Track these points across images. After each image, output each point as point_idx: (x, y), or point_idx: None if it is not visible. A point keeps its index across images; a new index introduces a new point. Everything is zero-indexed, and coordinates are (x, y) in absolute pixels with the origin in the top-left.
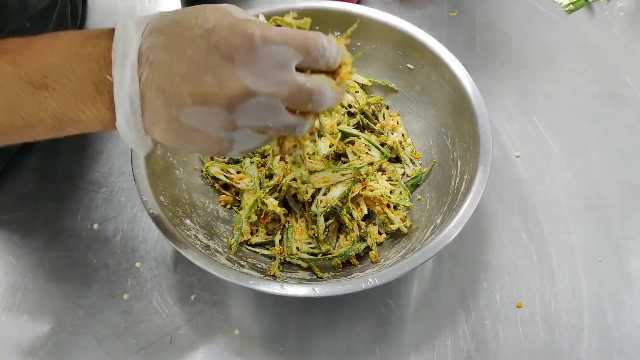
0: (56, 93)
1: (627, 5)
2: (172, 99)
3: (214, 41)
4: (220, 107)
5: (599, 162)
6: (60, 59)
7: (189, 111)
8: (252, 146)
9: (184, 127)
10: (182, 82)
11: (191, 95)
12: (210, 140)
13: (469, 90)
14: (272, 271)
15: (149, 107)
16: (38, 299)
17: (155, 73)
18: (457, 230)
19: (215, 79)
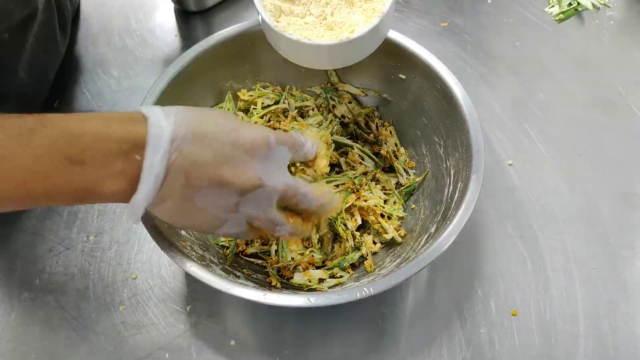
0: (87, 168)
1: (617, 14)
2: (193, 181)
3: (241, 137)
4: (234, 193)
5: (591, 169)
6: (92, 138)
7: (204, 192)
8: (234, 232)
9: (192, 205)
10: (206, 168)
11: (210, 179)
12: (209, 218)
13: (461, 99)
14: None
15: (167, 186)
16: (34, 311)
17: (183, 159)
18: (451, 239)
19: (236, 169)
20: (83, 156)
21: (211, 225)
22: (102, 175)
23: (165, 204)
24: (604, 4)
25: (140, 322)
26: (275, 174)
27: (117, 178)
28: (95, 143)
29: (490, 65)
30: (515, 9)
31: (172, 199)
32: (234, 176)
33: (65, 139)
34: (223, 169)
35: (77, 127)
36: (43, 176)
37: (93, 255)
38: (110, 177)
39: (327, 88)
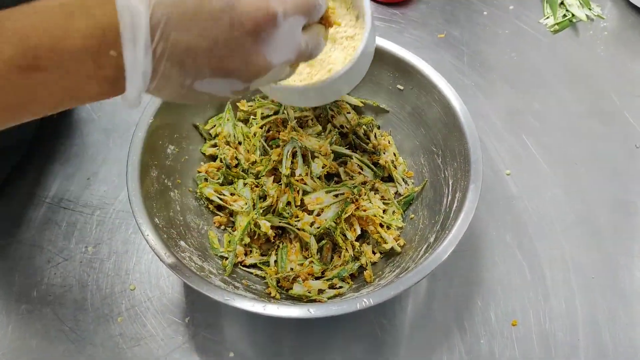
0: (50, 74)
1: (610, 25)
2: (190, 71)
3: (238, 16)
4: (242, 80)
5: (588, 178)
6: (48, 39)
7: (206, 81)
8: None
9: (194, 92)
10: (204, 57)
11: (213, 69)
12: (216, 99)
13: (458, 110)
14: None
15: (161, 76)
16: (32, 323)
17: (173, 48)
18: (450, 249)
19: (240, 56)
20: (40, 62)
21: (219, 98)
22: (72, 81)
23: (163, 92)
24: (598, 16)
25: (139, 334)
26: (285, 48)
27: (93, 79)
28: (50, 45)
29: (486, 76)
30: (511, 20)
31: (171, 88)
32: (239, 66)
33: (13, 48)
34: (224, 59)
35: (22, 29)
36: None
37: (91, 266)
38: (84, 79)
39: None
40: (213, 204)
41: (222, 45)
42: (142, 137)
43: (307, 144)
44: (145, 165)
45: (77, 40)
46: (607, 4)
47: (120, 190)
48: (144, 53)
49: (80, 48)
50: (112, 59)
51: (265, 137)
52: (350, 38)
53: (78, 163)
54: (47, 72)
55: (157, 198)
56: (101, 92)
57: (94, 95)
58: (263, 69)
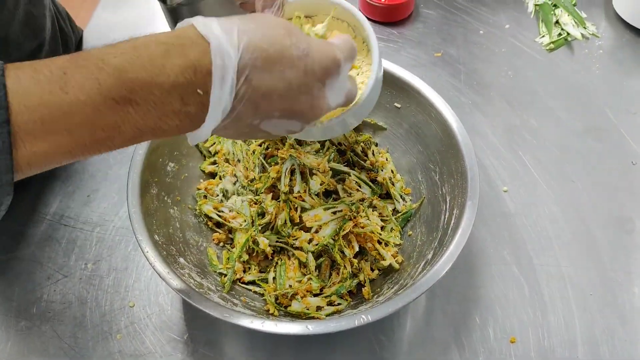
0: (139, 107)
1: (605, 44)
2: (263, 112)
3: (311, 64)
4: (303, 122)
5: (585, 195)
6: (144, 73)
7: (272, 122)
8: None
9: (257, 130)
10: (278, 100)
11: (282, 111)
12: (269, 137)
13: (455, 127)
14: (270, 309)
15: (235, 118)
16: (31, 340)
17: (254, 91)
18: (448, 265)
19: (308, 100)
20: (132, 96)
21: (272, 137)
22: (158, 115)
23: (228, 130)
24: (593, 34)
25: (138, 350)
26: (341, 91)
27: (177, 115)
28: (145, 80)
29: (483, 94)
30: (507, 39)
31: (237, 127)
32: (306, 109)
33: (111, 80)
34: (295, 101)
35: (121, 64)
36: (89, 121)
37: (91, 283)
38: (169, 113)
39: None
40: (212, 221)
41: (296, 89)
42: (142, 155)
43: (306, 162)
44: (146, 183)
45: (171, 77)
46: (602, 23)
47: (120, 207)
48: (230, 92)
49: (172, 84)
50: (197, 97)
51: (264, 155)
52: (358, 67)
53: (78, 180)
54: (139, 106)
55: (157, 215)
56: (179, 127)
57: (171, 130)
58: (323, 112)
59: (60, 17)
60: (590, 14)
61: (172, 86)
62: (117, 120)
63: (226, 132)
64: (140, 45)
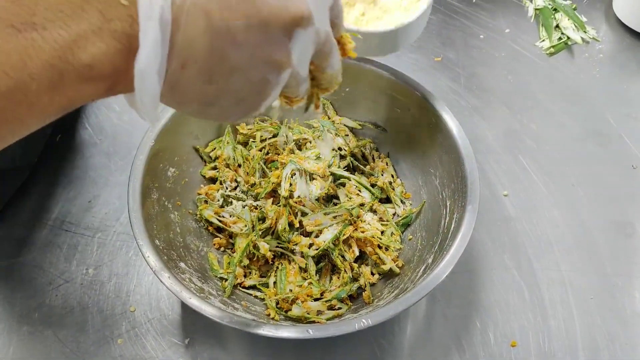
0: (47, 31)
1: (606, 48)
2: (219, 23)
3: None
4: (282, 30)
5: (586, 199)
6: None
7: (240, 41)
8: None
9: (227, 66)
10: (235, 1)
11: (246, 17)
12: (252, 86)
13: (455, 132)
14: (271, 313)
15: (183, 39)
16: (33, 345)
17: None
18: (448, 269)
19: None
20: (35, 18)
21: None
22: (72, 37)
23: (188, 71)
24: (593, 38)
25: (139, 355)
26: (322, 12)
27: (97, 35)
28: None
29: (483, 98)
30: (507, 43)
31: (196, 59)
32: (278, 5)
33: (4, 3)
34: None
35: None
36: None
37: (92, 288)
38: (86, 35)
39: (325, 121)
40: (213, 226)
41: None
42: (143, 160)
43: (306, 166)
44: (146, 188)
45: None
46: (602, 27)
47: (121, 212)
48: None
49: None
50: (122, 10)
51: (264, 160)
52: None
53: (79, 186)
54: (45, 29)
55: (158, 220)
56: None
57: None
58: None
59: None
60: (590, 18)
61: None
62: (22, 57)
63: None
64: None
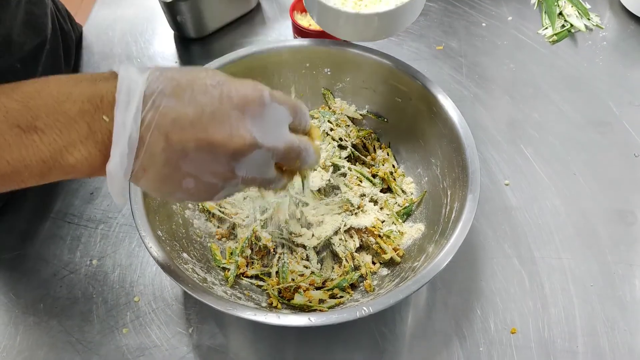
0: (45, 136)
1: (609, 35)
2: (175, 144)
3: (227, 91)
4: (226, 156)
5: (587, 188)
6: (52, 100)
7: (191, 158)
8: (231, 193)
9: (180, 172)
10: (189, 128)
11: (197, 141)
12: (203, 187)
13: (457, 121)
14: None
15: (146, 151)
16: (39, 335)
17: (161, 117)
18: (448, 258)
19: (225, 127)
20: (37, 123)
21: (208, 194)
22: (64, 143)
23: (148, 173)
24: (597, 25)
25: (144, 344)
26: (273, 133)
27: (84, 144)
28: (51, 106)
29: (485, 87)
30: (509, 31)
31: (155, 167)
32: (224, 137)
33: (17, 106)
34: (210, 128)
35: (30, 92)
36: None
37: (96, 279)
38: (75, 143)
39: (325, 111)
40: (214, 217)
41: (209, 115)
42: None
43: None
44: None
45: (77, 104)
46: (606, 14)
47: (123, 204)
48: (134, 118)
49: (79, 111)
50: (104, 124)
51: None
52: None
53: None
54: (44, 134)
55: (160, 211)
56: (89, 160)
57: (81, 164)
58: (247, 143)
59: (60, 16)
60: (594, 5)
61: (79, 113)
62: (22, 152)
63: (147, 178)
64: (53, 77)
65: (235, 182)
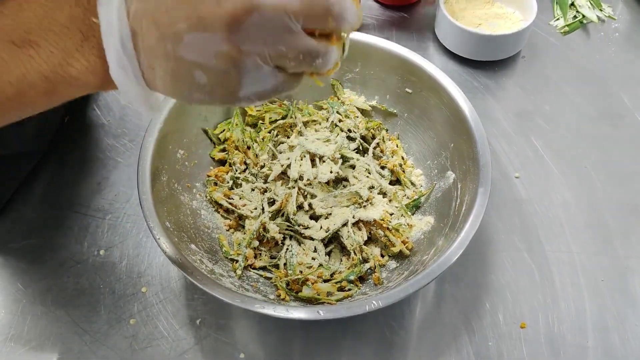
0: (41, 49)
1: (622, 26)
2: (167, 29)
3: None
4: (221, 29)
5: (598, 181)
6: (41, 9)
7: (187, 41)
8: (267, 86)
9: (185, 63)
10: (175, 7)
11: (187, 19)
12: (216, 76)
13: (467, 113)
14: (281, 294)
15: (143, 46)
16: (46, 325)
17: (145, 3)
18: (459, 252)
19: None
20: (31, 36)
21: (226, 85)
22: (62, 54)
23: (157, 71)
24: (609, 16)
25: (151, 335)
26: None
27: (81, 52)
28: (42, 16)
29: (495, 79)
30: None
31: (160, 62)
32: (212, 5)
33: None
34: (197, 4)
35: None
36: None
37: (103, 270)
38: (73, 52)
39: (334, 102)
40: (222, 208)
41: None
42: (152, 142)
43: (314, 149)
44: (156, 170)
45: (65, 10)
46: (618, 5)
47: (131, 194)
48: (118, 12)
49: (69, 17)
50: (97, 28)
51: (273, 142)
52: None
53: (89, 168)
54: (40, 47)
55: (168, 202)
56: (89, 67)
57: (85, 76)
58: (241, 6)
59: None
60: None
61: (69, 19)
62: (22, 70)
63: (159, 77)
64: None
65: (253, 63)
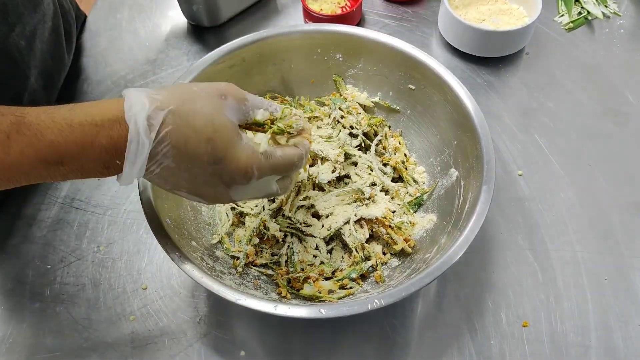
0: (68, 167)
1: (627, 23)
2: (172, 185)
3: (219, 170)
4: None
5: (602, 179)
6: (75, 149)
7: (184, 193)
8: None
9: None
10: (184, 183)
11: (187, 190)
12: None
13: (471, 110)
14: (282, 292)
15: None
16: (46, 322)
17: (162, 170)
18: (462, 250)
19: (211, 193)
20: (64, 160)
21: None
22: (84, 173)
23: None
24: (614, 13)
25: (151, 332)
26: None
27: (99, 173)
28: (76, 152)
29: (499, 75)
30: None
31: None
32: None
33: (45, 149)
34: (199, 189)
35: (57, 139)
36: (24, 176)
37: (103, 266)
38: (92, 173)
39: (336, 99)
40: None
41: (200, 183)
42: None
43: (318, 148)
44: None
45: (96, 152)
46: (623, 1)
47: (131, 190)
48: (139, 169)
49: (97, 157)
50: (117, 165)
51: None
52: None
53: None
54: (67, 166)
55: (168, 198)
56: (102, 175)
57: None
58: (227, 202)
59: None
60: None
61: (97, 158)
62: (48, 173)
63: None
64: (76, 125)
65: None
